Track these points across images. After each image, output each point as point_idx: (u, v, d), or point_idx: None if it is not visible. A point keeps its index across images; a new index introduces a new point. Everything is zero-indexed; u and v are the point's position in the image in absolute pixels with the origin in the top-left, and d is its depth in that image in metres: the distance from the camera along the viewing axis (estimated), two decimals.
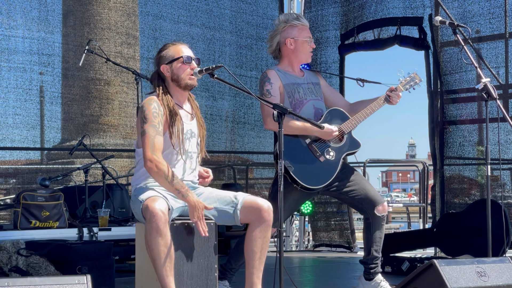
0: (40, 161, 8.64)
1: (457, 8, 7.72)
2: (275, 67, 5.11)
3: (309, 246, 9.22)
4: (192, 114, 4.33)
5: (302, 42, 5.06)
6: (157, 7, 8.66)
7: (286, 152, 4.74)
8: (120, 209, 7.23)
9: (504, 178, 7.70)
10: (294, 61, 5.10)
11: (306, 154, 4.90)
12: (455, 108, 7.65)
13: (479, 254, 5.59)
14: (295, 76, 5.10)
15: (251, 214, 4.18)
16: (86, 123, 8.73)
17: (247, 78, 9.15)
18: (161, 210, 3.89)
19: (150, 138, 4.08)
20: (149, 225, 3.89)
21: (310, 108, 5.02)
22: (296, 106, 4.98)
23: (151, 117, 4.11)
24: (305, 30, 5.08)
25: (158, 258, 3.90)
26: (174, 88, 4.28)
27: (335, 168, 4.93)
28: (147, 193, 4.07)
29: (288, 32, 5.07)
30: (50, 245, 5.42)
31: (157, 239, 3.88)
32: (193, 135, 4.30)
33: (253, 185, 9.53)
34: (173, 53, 4.26)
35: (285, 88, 4.99)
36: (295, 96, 5.01)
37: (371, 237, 5.04)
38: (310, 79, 5.17)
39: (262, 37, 9.29)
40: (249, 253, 4.19)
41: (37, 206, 6.08)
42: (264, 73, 5.08)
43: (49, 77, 8.20)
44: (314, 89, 5.12)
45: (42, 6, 8.06)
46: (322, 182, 4.91)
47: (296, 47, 5.06)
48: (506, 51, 7.35)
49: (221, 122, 9.09)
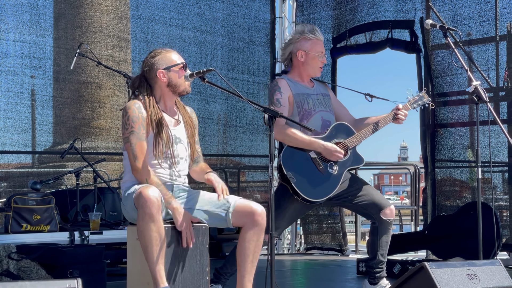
0: (32, 164, 8.61)
1: (448, 11, 7.74)
2: (285, 77, 5.09)
3: (301, 249, 9.22)
4: (177, 119, 4.34)
5: (313, 56, 5.05)
6: (149, 10, 8.65)
7: (290, 164, 4.82)
8: (111, 213, 7.22)
9: (495, 180, 7.73)
10: (303, 73, 5.10)
11: (309, 166, 4.89)
12: (446, 111, 7.67)
13: (470, 256, 5.60)
14: (305, 86, 5.10)
15: (244, 217, 4.19)
16: (77, 127, 8.70)
17: (239, 81, 9.16)
18: (155, 196, 3.92)
19: (132, 146, 4.14)
20: (142, 210, 3.90)
21: (318, 120, 5.02)
22: (304, 117, 4.98)
23: (131, 123, 4.16)
24: (318, 45, 5.07)
25: (150, 244, 3.91)
26: (166, 93, 4.30)
27: (337, 182, 4.93)
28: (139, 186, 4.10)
29: (301, 44, 5.06)
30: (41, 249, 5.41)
31: (149, 225, 3.89)
32: (179, 141, 4.30)
33: (245, 188, 9.53)
34: (169, 59, 4.29)
35: (294, 98, 4.99)
36: (303, 107, 5.00)
37: (378, 242, 5.04)
38: (320, 90, 5.17)
39: (254, 40, 9.29)
40: (241, 256, 4.21)
41: (28, 210, 6.06)
42: (274, 81, 5.08)
43: (41, 80, 8.18)
44: (323, 101, 5.11)
45: (33, 10, 8.04)
46: (323, 195, 4.90)
47: (306, 61, 5.05)
48: (497, 54, 7.37)
49: (213, 125, 9.08)
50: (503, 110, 7.29)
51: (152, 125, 4.18)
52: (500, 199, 7.63)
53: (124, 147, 4.23)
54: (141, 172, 4.13)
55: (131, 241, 4.13)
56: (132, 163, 4.15)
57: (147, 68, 4.30)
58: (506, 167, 7.38)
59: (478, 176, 4.94)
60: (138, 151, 4.14)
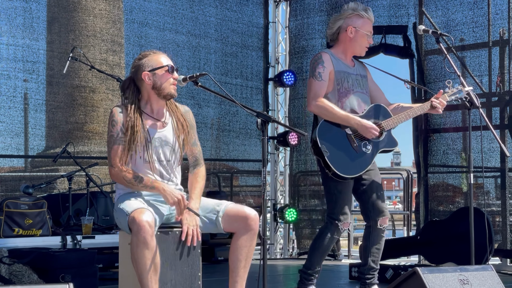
0: (24, 168, 8.59)
1: (441, 16, 7.76)
2: (329, 51, 5.09)
3: (293, 254, 9.21)
4: (163, 121, 4.30)
5: (363, 35, 5.06)
6: (143, 14, 8.65)
7: (325, 138, 4.88)
8: (104, 217, 7.21)
9: (487, 186, 7.74)
10: (348, 50, 5.11)
11: (344, 143, 4.94)
12: (439, 116, 7.68)
13: (462, 262, 5.61)
14: (347, 65, 5.10)
15: (237, 222, 4.18)
16: (70, 131, 8.69)
17: (232, 85, 9.16)
18: (148, 222, 3.89)
19: (109, 150, 4.16)
20: (136, 237, 3.88)
21: (355, 100, 5.04)
22: (342, 95, 5.00)
23: (110, 127, 4.18)
24: (368, 24, 5.10)
25: (145, 270, 3.89)
26: (152, 96, 4.25)
27: (368, 161, 4.99)
28: (132, 204, 4.06)
29: (353, 21, 5.06)
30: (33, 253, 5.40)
31: (143, 252, 3.87)
32: (164, 144, 4.25)
33: (238, 192, 9.52)
34: (156, 61, 4.25)
35: (335, 74, 5.00)
36: (343, 85, 5.01)
37: (370, 248, 5.06)
38: (359, 71, 5.18)
39: (247, 44, 9.30)
40: (234, 261, 4.19)
41: (20, 214, 6.05)
42: (318, 54, 5.08)
43: (34, 84, 8.17)
44: (361, 82, 5.13)
45: (27, 13, 8.03)
46: (354, 172, 4.95)
47: (355, 37, 5.05)
48: (489, 59, 7.39)
49: (206, 130, 9.08)
50: (496, 116, 7.30)
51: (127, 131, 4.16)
52: (493, 204, 7.65)
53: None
54: (117, 175, 4.12)
55: (123, 246, 4.12)
56: (109, 167, 4.16)
57: (134, 69, 4.27)
58: (498, 172, 7.40)
59: (470, 182, 4.95)
60: (114, 155, 4.13)
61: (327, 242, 5.02)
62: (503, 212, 7.24)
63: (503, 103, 7.25)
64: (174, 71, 4.24)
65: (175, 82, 4.22)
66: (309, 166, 9.03)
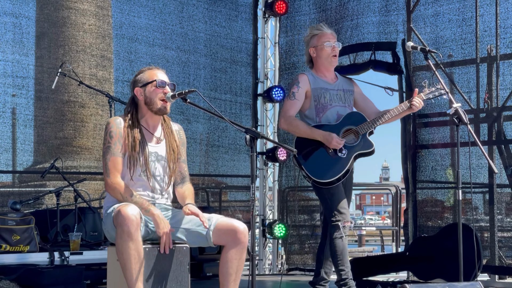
0: (12, 184, 8.55)
1: (429, 33, 7.81)
2: (309, 71, 5.49)
3: (282, 270, 9.19)
4: (159, 137, 4.33)
5: (321, 48, 5.43)
6: (132, 30, 8.66)
7: (303, 149, 5.26)
8: (92, 233, 7.18)
9: (476, 201, 7.75)
10: (322, 67, 5.47)
11: (320, 151, 5.28)
12: (427, 132, 7.71)
13: (451, 278, 5.61)
14: (326, 81, 5.44)
15: (226, 235, 4.18)
16: (59, 146, 8.65)
17: (222, 101, 9.16)
18: (134, 214, 3.92)
19: (105, 161, 4.17)
20: (121, 228, 3.89)
21: (334, 114, 5.39)
22: (319, 110, 5.37)
23: (108, 138, 4.19)
24: (323, 36, 5.45)
25: (129, 262, 3.90)
26: (147, 111, 4.30)
27: (344, 165, 5.27)
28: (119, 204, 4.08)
29: (311, 42, 5.48)
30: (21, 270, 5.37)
31: (128, 243, 3.88)
32: (160, 159, 4.29)
33: (226, 208, 9.51)
34: (147, 77, 4.29)
35: (312, 92, 5.37)
36: (320, 101, 5.37)
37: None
38: (342, 85, 5.51)
39: (237, 60, 9.32)
40: (224, 275, 4.19)
41: (8, 230, 6.02)
42: (297, 75, 5.52)
43: (23, 99, 8.14)
44: (343, 96, 5.45)
45: (16, 29, 8.02)
46: (331, 176, 5.24)
47: (318, 54, 5.44)
48: (477, 76, 7.43)
49: (196, 145, 9.07)
50: (484, 132, 7.33)
51: (127, 143, 4.17)
52: (481, 220, 7.66)
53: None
54: (114, 188, 4.12)
55: (112, 262, 4.10)
56: (104, 178, 4.15)
57: (131, 86, 4.34)
58: (486, 188, 7.42)
59: (458, 198, 4.96)
60: (111, 166, 4.14)
61: (340, 243, 5.28)
62: (491, 228, 7.26)
63: (491, 119, 7.28)
64: (166, 85, 4.27)
65: (163, 96, 4.24)
66: (298, 181, 9.03)
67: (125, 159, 4.18)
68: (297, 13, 9.11)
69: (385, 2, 8.20)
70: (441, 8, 7.76)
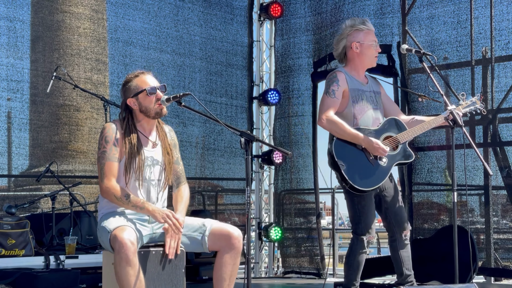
0: (7, 188, 8.53)
1: (425, 36, 7.81)
2: (343, 70, 5.20)
3: (278, 273, 9.19)
4: (155, 142, 4.33)
5: (368, 46, 5.17)
6: (127, 33, 8.65)
7: (341, 151, 4.97)
8: (87, 237, 7.17)
9: (472, 204, 7.76)
10: (359, 66, 5.21)
11: (360, 156, 5.03)
12: (423, 134, 7.69)
13: (447, 280, 5.62)
14: (360, 82, 5.21)
15: (220, 240, 4.18)
16: (54, 150, 8.64)
17: (217, 104, 9.16)
18: (130, 240, 3.89)
19: (101, 166, 4.15)
20: (118, 255, 3.87)
21: (370, 117, 5.14)
22: (358, 112, 5.10)
23: (103, 143, 4.17)
24: (370, 34, 5.19)
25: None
26: (142, 117, 4.29)
27: (385, 174, 5.06)
28: (114, 222, 4.05)
29: (354, 36, 5.18)
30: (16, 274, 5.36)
31: (126, 269, 3.87)
32: (156, 163, 4.29)
33: (222, 211, 9.50)
34: (136, 86, 4.27)
35: (350, 92, 5.11)
36: (358, 102, 5.12)
37: (400, 256, 5.25)
38: (373, 87, 5.29)
39: (232, 63, 9.32)
40: (218, 279, 4.19)
41: (3, 234, 6.00)
42: (333, 73, 5.17)
43: (18, 103, 8.14)
44: (375, 98, 5.24)
45: (11, 32, 8.02)
46: (370, 185, 5.02)
47: (361, 51, 5.17)
48: (472, 78, 7.44)
49: (191, 149, 9.07)
50: (479, 134, 7.34)
51: (125, 150, 4.17)
52: (477, 222, 7.67)
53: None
54: (109, 192, 4.10)
55: (107, 266, 4.10)
56: (99, 183, 4.14)
57: (122, 97, 4.32)
58: (482, 190, 7.42)
59: (454, 200, 4.96)
60: (107, 170, 4.13)
61: (358, 258, 5.14)
62: (487, 230, 7.26)
63: (486, 122, 7.29)
64: (156, 90, 4.26)
65: (158, 102, 4.24)
66: (294, 184, 9.03)
67: (121, 164, 4.17)
68: (292, 16, 9.13)
69: (380, 5, 8.22)
70: (436, 10, 7.77)
